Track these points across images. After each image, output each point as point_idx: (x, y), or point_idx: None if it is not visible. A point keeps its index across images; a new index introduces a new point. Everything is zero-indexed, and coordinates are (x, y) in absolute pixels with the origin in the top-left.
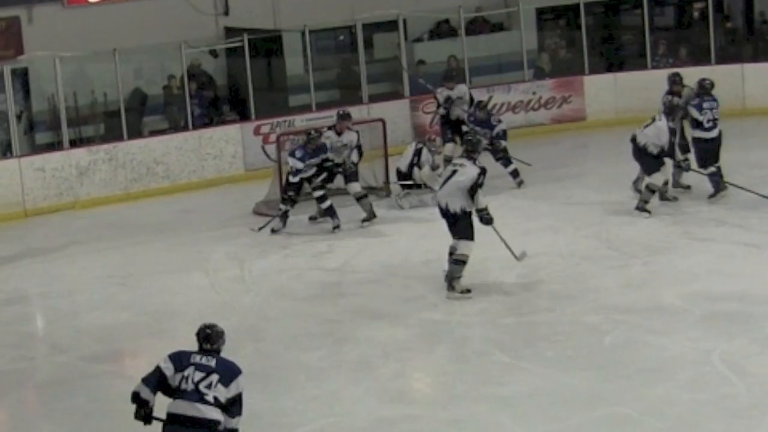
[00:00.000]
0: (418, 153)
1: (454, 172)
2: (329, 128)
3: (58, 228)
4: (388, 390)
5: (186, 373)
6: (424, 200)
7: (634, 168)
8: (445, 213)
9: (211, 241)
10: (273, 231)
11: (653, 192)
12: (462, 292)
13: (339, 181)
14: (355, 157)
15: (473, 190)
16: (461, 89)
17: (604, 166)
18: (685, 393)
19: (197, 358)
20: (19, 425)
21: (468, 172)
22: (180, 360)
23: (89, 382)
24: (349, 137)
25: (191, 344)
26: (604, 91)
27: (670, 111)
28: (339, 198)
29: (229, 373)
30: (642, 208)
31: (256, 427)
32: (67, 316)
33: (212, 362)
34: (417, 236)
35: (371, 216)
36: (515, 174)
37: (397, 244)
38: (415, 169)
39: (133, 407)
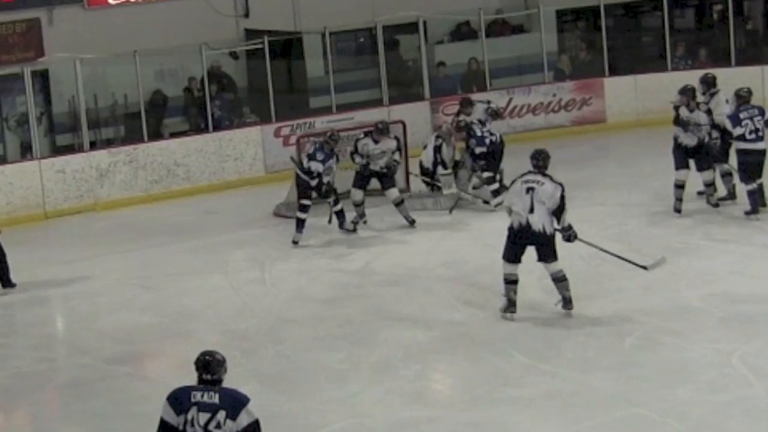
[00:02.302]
0: (438, 150)
1: (531, 189)
2: (366, 135)
3: (78, 230)
4: (409, 392)
5: (189, 415)
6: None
7: (654, 169)
8: (539, 234)
9: (231, 243)
10: (294, 243)
11: (678, 187)
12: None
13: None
14: (397, 156)
15: (560, 210)
16: (478, 109)
17: (625, 168)
18: (705, 394)
19: (198, 396)
20: (39, 426)
21: (549, 192)
22: (179, 401)
23: (110, 384)
24: (388, 144)
25: (211, 346)
26: (624, 93)
27: (687, 102)
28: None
29: (235, 404)
30: (675, 207)
31: (275, 429)
32: (88, 318)
33: (215, 398)
34: (437, 238)
35: (412, 221)
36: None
37: (418, 246)
38: (439, 168)
39: (154, 407)
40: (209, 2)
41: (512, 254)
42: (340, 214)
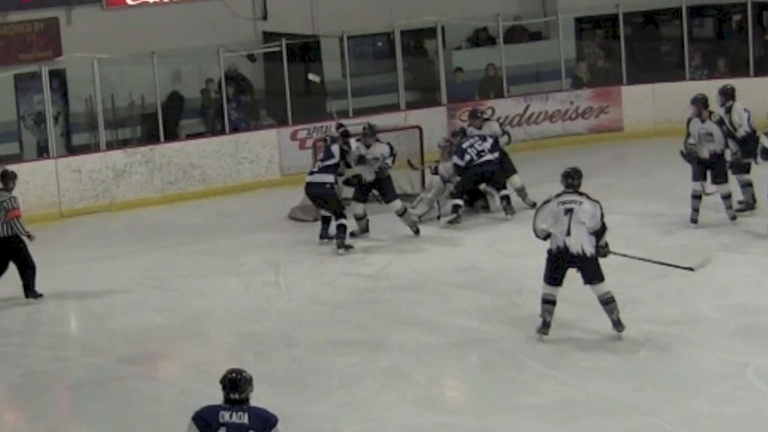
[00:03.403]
0: (436, 171)
1: (570, 210)
2: (357, 140)
3: (93, 230)
4: (421, 397)
5: None
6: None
7: (671, 178)
8: (578, 257)
9: (246, 245)
10: (349, 247)
11: (695, 198)
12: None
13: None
14: (390, 161)
15: (603, 230)
16: (491, 127)
17: (642, 177)
18: (719, 406)
19: (227, 416)
20: (51, 426)
21: (590, 212)
22: (206, 421)
23: (122, 384)
24: (381, 150)
25: (224, 348)
26: (642, 101)
27: (698, 112)
28: (374, 206)
29: (265, 424)
30: (692, 218)
31: None
32: (101, 318)
33: (245, 418)
34: (451, 244)
35: (417, 228)
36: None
37: (432, 251)
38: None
39: (165, 408)
40: (227, 4)
41: (552, 277)
42: (327, 221)
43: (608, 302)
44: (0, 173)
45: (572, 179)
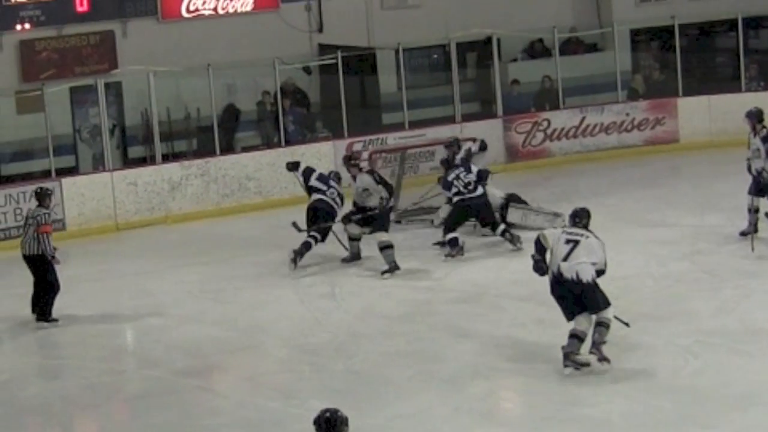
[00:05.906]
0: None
1: (575, 242)
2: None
3: (149, 242)
4: (478, 409)
5: None
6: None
7: (727, 190)
8: (574, 283)
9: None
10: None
11: (751, 211)
12: (603, 359)
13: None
14: (384, 193)
15: (603, 272)
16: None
17: (698, 189)
18: None
19: None
20: None
21: (595, 246)
22: None
23: (179, 397)
24: (364, 181)
25: (280, 360)
26: (697, 113)
27: (752, 126)
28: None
29: None
30: (747, 230)
31: None
32: (157, 330)
33: None
34: (507, 256)
35: (394, 267)
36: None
37: (488, 264)
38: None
39: (223, 420)
40: (283, 17)
41: (566, 312)
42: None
43: (600, 324)
44: (34, 191)
45: (579, 219)
